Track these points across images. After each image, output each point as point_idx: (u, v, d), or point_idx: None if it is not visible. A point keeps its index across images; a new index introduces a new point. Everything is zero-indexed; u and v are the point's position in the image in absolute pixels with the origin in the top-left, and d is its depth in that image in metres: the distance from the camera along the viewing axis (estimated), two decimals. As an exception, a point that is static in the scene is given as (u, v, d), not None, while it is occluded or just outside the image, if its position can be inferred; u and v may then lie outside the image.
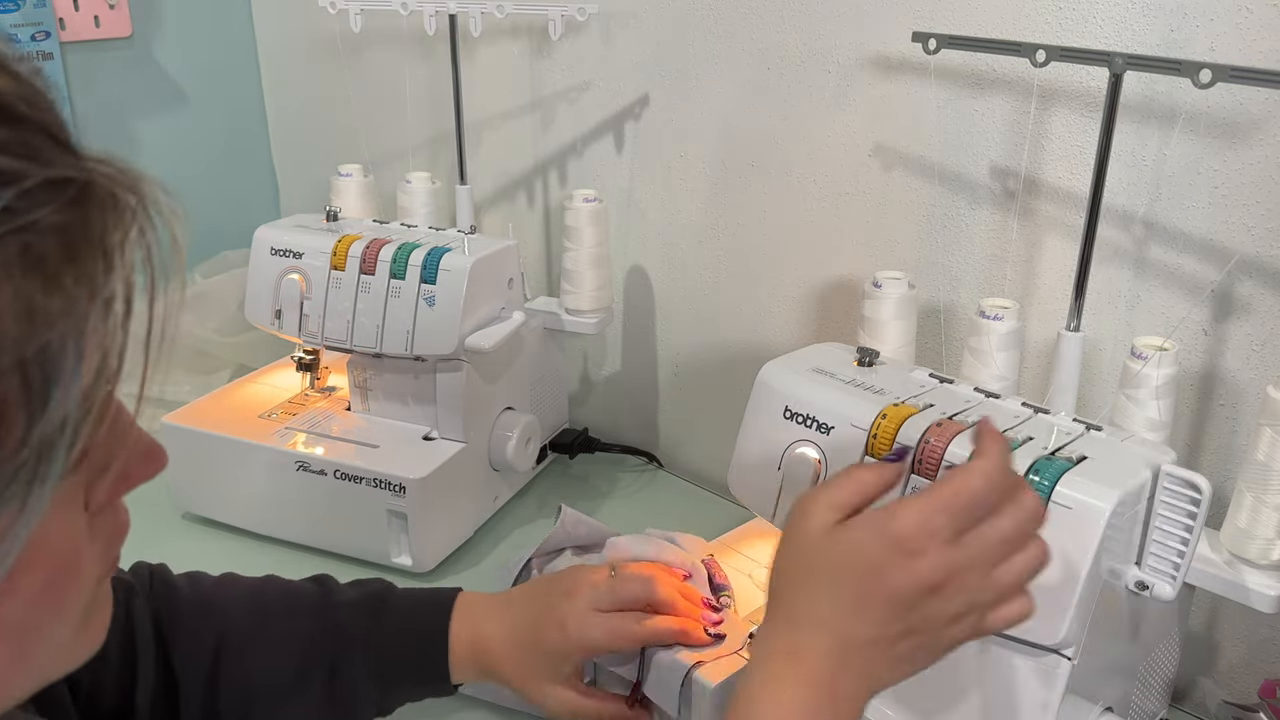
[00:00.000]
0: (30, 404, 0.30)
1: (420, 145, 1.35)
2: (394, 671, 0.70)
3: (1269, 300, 0.77)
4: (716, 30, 1.03)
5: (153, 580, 0.69)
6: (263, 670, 0.68)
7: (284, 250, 1.02)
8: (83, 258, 0.31)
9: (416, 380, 1.02)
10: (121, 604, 0.65)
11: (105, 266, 0.31)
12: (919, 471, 0.63)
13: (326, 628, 0.70)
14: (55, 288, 0.30)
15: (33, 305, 0.29)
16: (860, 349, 0.75)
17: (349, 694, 0.69)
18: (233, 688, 0.67)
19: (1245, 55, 0.74)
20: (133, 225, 0.32)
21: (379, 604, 0.72)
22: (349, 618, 0.71)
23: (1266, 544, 0.69)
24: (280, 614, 0.70)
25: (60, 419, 0.30)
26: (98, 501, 0.37)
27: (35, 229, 0.29)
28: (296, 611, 0.71)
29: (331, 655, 0.69)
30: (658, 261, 1.18)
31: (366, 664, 0.69)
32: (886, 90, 0.93)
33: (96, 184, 0.32)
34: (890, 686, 0.51)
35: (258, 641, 0.68)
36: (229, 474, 1.02)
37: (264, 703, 0.68)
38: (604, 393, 1.29)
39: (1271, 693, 0.72)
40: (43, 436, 0.30)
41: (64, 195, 0.30)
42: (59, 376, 0.30)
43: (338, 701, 0.69)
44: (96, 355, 0.31)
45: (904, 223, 0.96)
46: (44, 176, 0.30)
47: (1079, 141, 0.83)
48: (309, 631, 0.69)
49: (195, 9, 1.45)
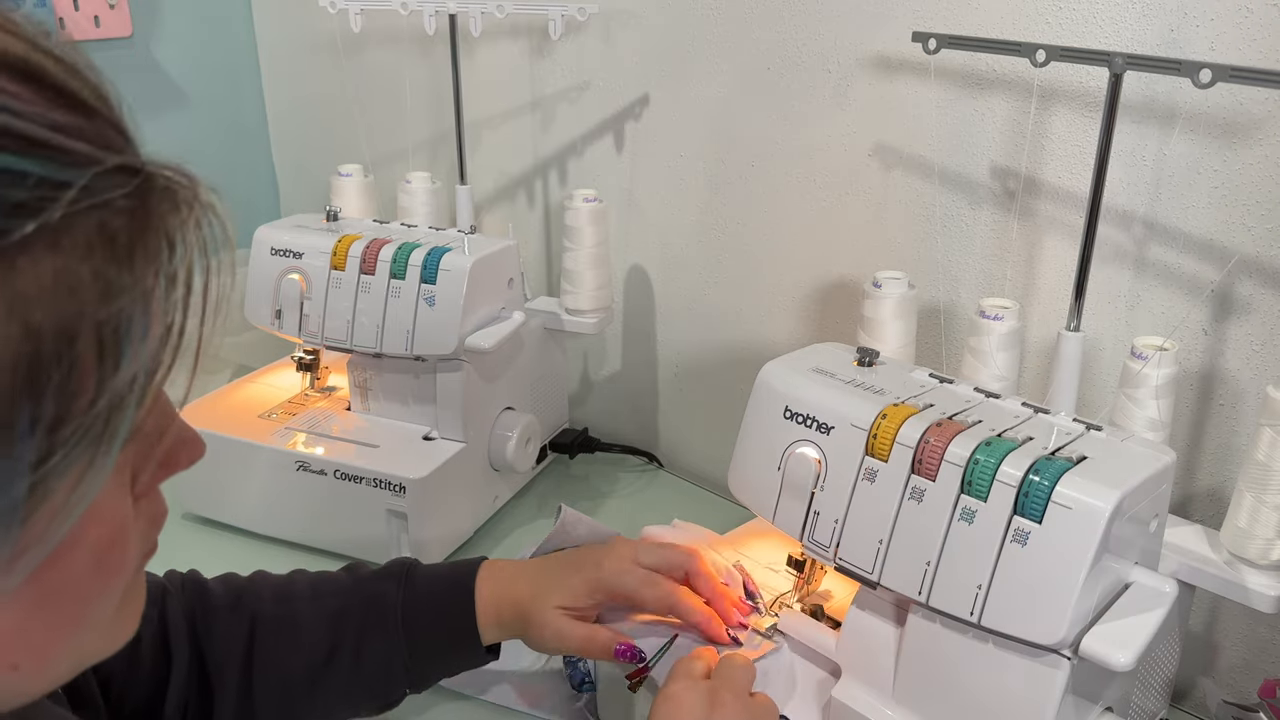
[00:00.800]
0: (102, 367, 0.33)
1: (420, 145, 1.35)
2: (424, 634, 0.71)
3: (1269, 300, 0.77)
4: (716, 30, 1.03)
5: (185, 583, 0.71)
6: (296, 652, 0.69)
7: (284, 250, 1.02)
8: (149, 238, 0.34)
9: (416, 380, 1.02)
10: (156, 604, 0.67)
11: (168, 247, 0.35)
12: (919, 472, 0.63)
13: (356, 602, 0.72)
14: (126, 262, 0.33)
15: (107, 276, 0.32)
16: (860, 349, 0.75)
17: (380, 665, 0.70)
18: (268, 675, 0.69)
19: (1245, 55, 0.74)
20: (190, 215, 0.36)
21: (406, 573, 0.73)
22: (377, 588, 0.72)
23: (1266, 544, 0.69)
24: (309, 597, 0.72)
25: (129, 381, 0.33)
26: (143, 485, 0.40)
27: (110, 208, 0.33)
28: (324, 593, 0.72)
29: (360, 627, 0.70)
30: (658, 261, 1.18)
31: (397, 630, 0.71)
32: (886, 90, 0.93)
33: (156, 175, 0.35)
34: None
35: (289, 625, 0.70)
36: (229, 474, 1.02)
37: (300, 686, 0.69)
38: (604, 393, 1.29)
39: (1271, 693, 0.72)
40: (113, 397, 0.33)
41: (132, 182, 0.34)
42: (129, 343, 0.33)
43: (369, 675, 0.70)
44: (161, 326, 0.34)
45: (904, 223, 0.96)
46: (117, 162, 0.33)
47: (1079, 141, 0.83)
48: (338, 609, 0.71)
49: (195, 9, 1.45)
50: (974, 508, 0.60)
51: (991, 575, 0.59)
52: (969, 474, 0.61)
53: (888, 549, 0.64)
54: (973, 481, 0.60)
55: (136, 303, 0.33)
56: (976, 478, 0.60)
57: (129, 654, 0.63)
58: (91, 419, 0.32)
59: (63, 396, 0.31)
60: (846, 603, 0.71)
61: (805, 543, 0.70)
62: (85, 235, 0.32)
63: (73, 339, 0.31)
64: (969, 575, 0.60)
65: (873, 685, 0.68)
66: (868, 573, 0.66)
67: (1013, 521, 0.59)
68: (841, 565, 0.67)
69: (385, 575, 0.73)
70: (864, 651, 0.68)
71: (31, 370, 0.31)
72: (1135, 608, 0.60)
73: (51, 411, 0.31)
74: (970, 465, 0.61)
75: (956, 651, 0.63)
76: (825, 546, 0.68)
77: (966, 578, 0.60)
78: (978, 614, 0.60)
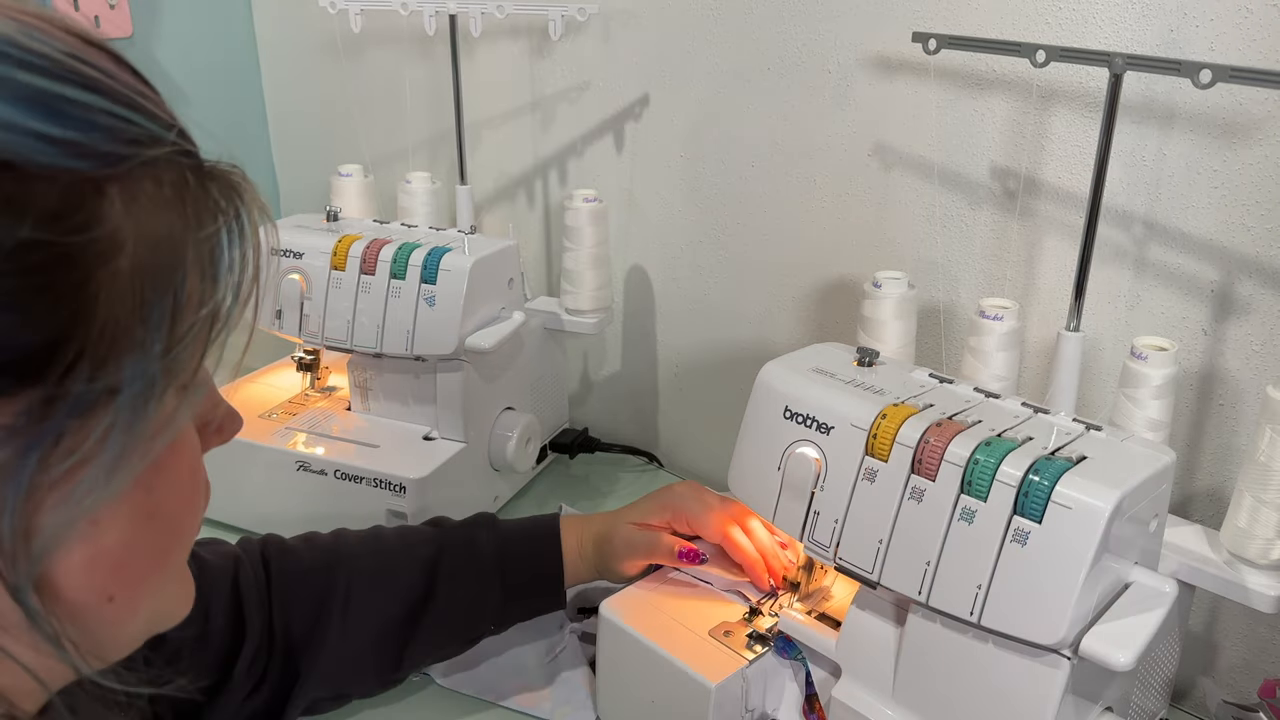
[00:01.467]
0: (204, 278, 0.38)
1: (420, 145, 1.35)
2: (515, 575, 0.78)
3: (1269, 300, 0.77)
4: (717, 30, 1.03)
5: (266, 548, 0.74)
6: (394, 600, 0.74)
7: (284, 250, 1.02)
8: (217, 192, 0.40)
9: (416, 380, 1.02)
10: (229, 576, 0.70)
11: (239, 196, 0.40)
12: (919, 472, 0.63)
13: (448, 546, 0.78)
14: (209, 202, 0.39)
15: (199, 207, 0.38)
16: (860, 349, 0.75)
17: (473, 606, 0.77)
18: (367, 622, 0.73)
19: (1245, 55, 0.74)
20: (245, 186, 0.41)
21: (491, 521, 0.82)
22: (467, 534, 0.79)
23: (1266, 544, 0.69)
24: (400, 548, 0.78)
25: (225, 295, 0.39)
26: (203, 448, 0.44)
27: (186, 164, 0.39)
28: (415, 542, 0.78)
29: (454, 569, 0.76)
30: (658, 261, 1.18)
31: (493, 571, 0.77)
32: (886, 90, 0.93)
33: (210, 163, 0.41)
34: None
35: (387, 575, 0.75)
36: (229, 474, 1.02)
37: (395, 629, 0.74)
38: (604, 393, 1.29)
39: (1271, 693, 0.72)
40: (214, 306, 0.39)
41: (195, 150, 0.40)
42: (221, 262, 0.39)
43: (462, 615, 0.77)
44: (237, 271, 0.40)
45: (904, 223, 0.96)
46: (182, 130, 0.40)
47: (1079, 141, 0.83)
48: (432, 555, 0.77)
49: (195, 9, 1.45)
50: (974, 508, 0.60)
51: (991, 575, 0.59)
52: (969, 474, 0.61)
53: (888, 549, 0.64)
54: (973, 481, 0.60)
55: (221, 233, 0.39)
56: (976, 478, 0.60)
57: (199, 629, 0.66)
58: (200, 322, 0.38)
59: (179, 296, 0.37)
60: (846, 603, 0.71)
61: (805, 543, 0.70)
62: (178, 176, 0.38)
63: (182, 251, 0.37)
64: (969, 575, 0.60)
65: (873, 685, 0.68)
66: (868, 573, 0.66)
67: (1012, 521, 0.59)
68: (841, 565, 0.67)
69: (472, 524, 0.81)
70: (864, 651, 0.68)
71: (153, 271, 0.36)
72: (1135, 608, 0.60)
73: (171, 306, 0.36)
74: (970, 465, 0.61)
75: (956, 651, 0.63)
76: (825, 546, 0.68)
77: (966, 578, 0.60)
78: (978, 614, 0.60)
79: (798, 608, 0.75)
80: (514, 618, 0.81)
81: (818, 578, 0.77)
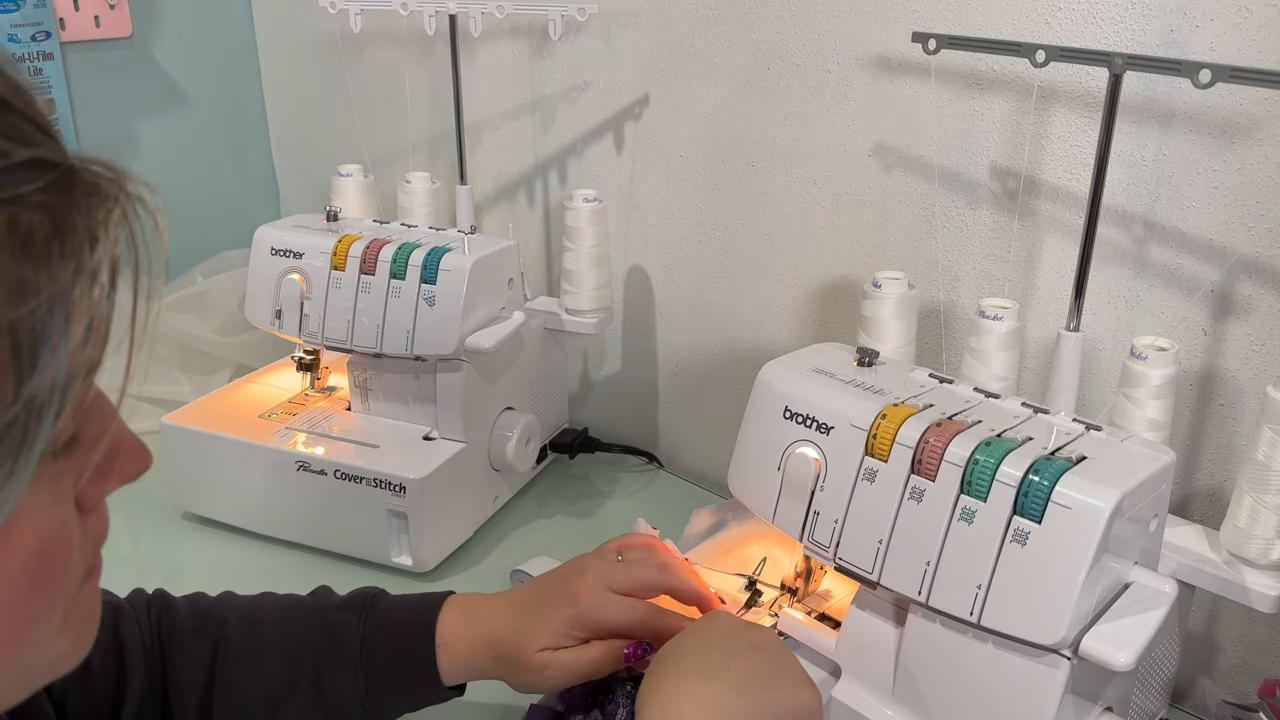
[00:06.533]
0: (19, 366, 0.31)
1: (420, 145, 1.35)
2: (381, 670, 0.69)
3: (1269, 300, 0.77)
4: (716, 30, 1.03)
5: (151, 602, 0.69)
6: (257, 680, 0.68)
7: (284, 250, 1.02)
8: (68, 234, 0.32)
9: (416, 380, 1.02)
10: (110, 624, 0.65)
11: (90, 242, 0.33)
12: (919, 472, 0.63)
13: (318, 630, 0.70)
14: (42, 260, 0.31)
15: (21, 276, 0.31)
16: (860, 349, 0.75)
17: (338, 699, 0.68)
18: (229, 701, 0.67)
19: (1245, 55, 0.74)
20: (115, 208, 0.34)
21: (370, 604, 0.71)
22: (338, 618, 0.70)
23: (1266, 544, 0.69)
24: (274, 623, 0.70)
25: (49, 381, 0.32)
26: (88, 498, 0.38)
27: (22, 203, 0.31)
28: (290, 620, 0.70)
29: (319, 655, 0.69)
30: (658, 261, 1.18)
31: (355, 663, 0.68)
32: (886, 90, 0.93)
33: (80, 170, 0.34)
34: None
35: (252, 651, 0.68)
36: (229, 474, 1.02)
37: (259, 715, 0.67)
38: (604, 393, 1.29)
39: (1271, 693, 0.72)
40: (31, 397, 0.32)
41: (49, 175, 0.32)
42: (46, 341, 0.32)
43: (327, 707, 0.68)
44: (83, 323, 0.33)
45: (904, 223, 0.96)
46: (29, 155, 0.32)
47: (1079, 141, 0.83)
48: (302, 636, 0.69)
49: (195, 9, 1.45)
50: (974, 508, 0.60)
51: (991, 575, 0.59)
52: (969, 474, 0.61)
53: (887, 549, 0.64)
54: (972, 481, 0.60)
55: (54, 302, 0.32)
56: (976, 478, 0.60)
57: (82, 674, 0.61)
58: (9, 421, 0.31)
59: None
60: (846, 603, 0.71)
61: (805, 543, 0.70)
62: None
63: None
64: (969, 575, 0.60)
65: (873, 685, 0.68)
66: (868, 573, 0.66)
67: (1012, 521, 0.59)
68: (841, 565, 0.67)
69: (348, 606, 0.71)
70: (864, 651, 0.68)
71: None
72: (1135, 608, 0.60)
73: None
74: (970, 465, 0.61)
75: (956, 651, 0.63)
76: (825, 546, 0.68)
77: (966, 578, 0.60)
78: (977, 614, 0.60)
79: (798, 608, 0.75)
80: (391, 713, 0.71)
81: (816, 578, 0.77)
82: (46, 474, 0.34)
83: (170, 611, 0.69)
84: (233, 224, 1.36)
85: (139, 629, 0.66)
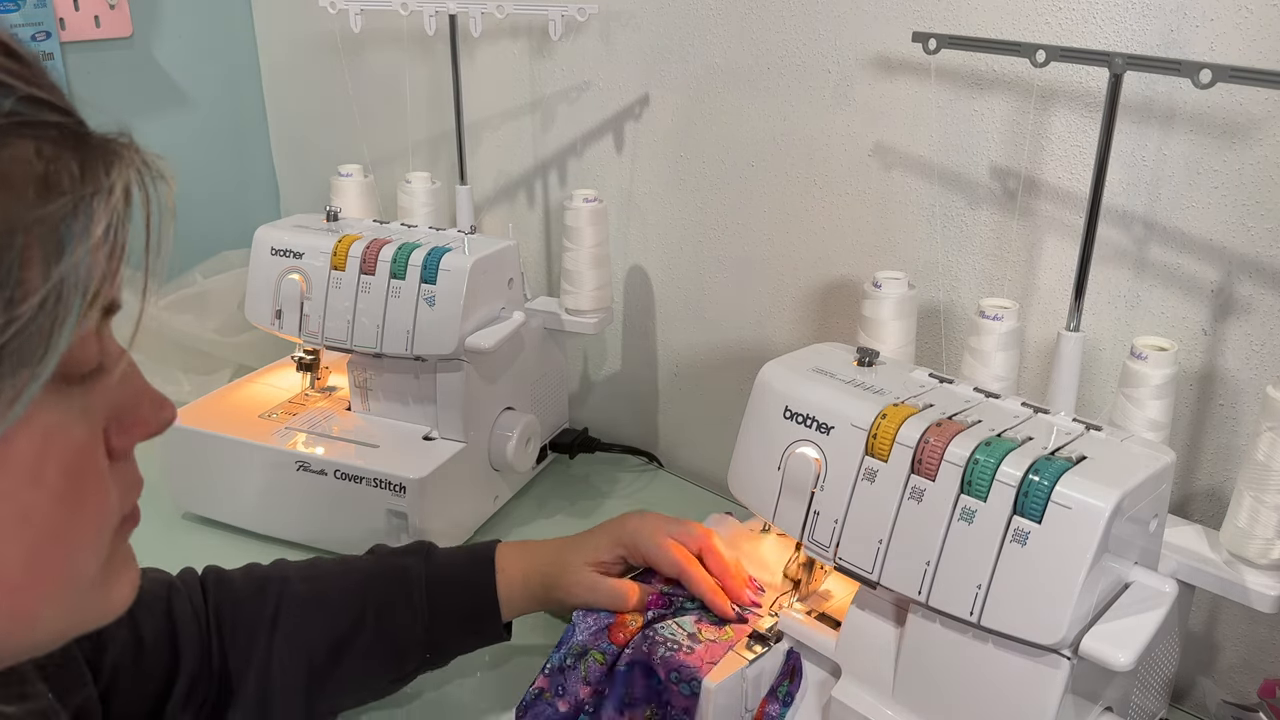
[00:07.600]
0: (47, 254, 0.35)
1: (420, 145, 1.35)
2: (445, 606, 0.75)
3: (1269, 300, 0.77)
4: (716, 30, 1.03)
5: (204, 581, 0.72)
6: (322, 624, 0.72)
7: (284, 250, 1.02)
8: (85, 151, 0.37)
9: (416, 380, 1.02)
10: (163, 600, 0.68)
11: (105, 171, 0.37)
12: (919, 472, 0.63)
13: (381, 572, 0.76)
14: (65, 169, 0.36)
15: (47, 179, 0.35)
16: (860, 349, 0.75)
17: (401, 635, 0.74)
18: (294, 645, 0.71)
19: (1245, 55, 0.74)
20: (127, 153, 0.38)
21: (428, 549, 0.79)
22: (400, 561, 0.77)
23: (1266, 544, 0.69)
24: (337, 574, 0.76)
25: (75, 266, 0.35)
26: (118, 447, 0.41)
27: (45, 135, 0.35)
28: (352, 569, 0.77)
29: (383, 596, 0.74)
30: (658, 261, 1.18)
31: (421, 593, 0.75)
32: (886, 90, 0.93)
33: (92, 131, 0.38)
34: None
35: (316, 597, 0.73)
36: (229, 474, 1.02)
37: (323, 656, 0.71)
38: (604, 393, 1.29)
39: (1271, 693, 0.72)
40: (60, 280, 0.35)
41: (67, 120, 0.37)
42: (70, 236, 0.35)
43: (389, 644, 0.73)
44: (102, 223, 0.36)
45: (904, 223, 0.96)
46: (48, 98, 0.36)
47: (1079, 141, 0.83)
48: (364, 580, 0.75)
49: (195, 9, 1.45)
50: (974, 507, 0.60)
51: (991, 575, 0.59)
52: (969, 474, 0.61)
53: (887, 549, 0.64)
54: (972, 481, 0.60)
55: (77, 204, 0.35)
56: (976, 478, 0.60)
57: (135, 648, 0.64)
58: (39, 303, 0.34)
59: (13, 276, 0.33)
60: (846, 603, 0.71)
61: (805, 543, 0.70)
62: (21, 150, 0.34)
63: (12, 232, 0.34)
64: (969, 575, 0.60)
65: (873, 685, 0.68)
66: (868, 573, 0.66)
67: (1012, 521, 0.59)
68: (841, 565, 0.67)
69: (407, 552, 0.79)
70: (864, 651, 0.68)
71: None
72: (1135, 607, 0.60)
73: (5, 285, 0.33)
74: (970, 465, 0.61)
75: (956, 651, 0.63)
76: (825, 546, 0.68)
77: (966, 577, 0.60)
78: (977, 614, 0.60)
79: (798, 608, 0.75)
80: (449, 649, 0.78)
81: (817, 578, 0.77)
82: (75, 400, 0.38)
83: (225, 584, 0.73)
84: (233, 224, 1.36)
85: (192, 606, 0.69)
